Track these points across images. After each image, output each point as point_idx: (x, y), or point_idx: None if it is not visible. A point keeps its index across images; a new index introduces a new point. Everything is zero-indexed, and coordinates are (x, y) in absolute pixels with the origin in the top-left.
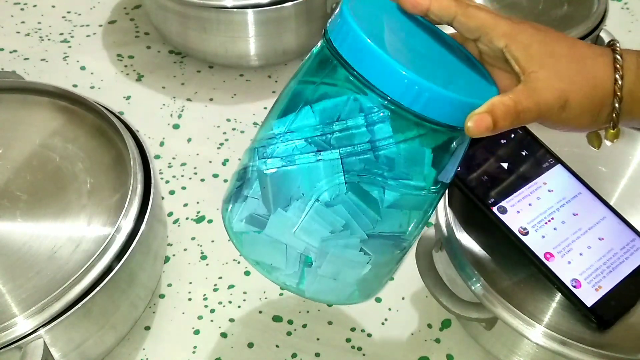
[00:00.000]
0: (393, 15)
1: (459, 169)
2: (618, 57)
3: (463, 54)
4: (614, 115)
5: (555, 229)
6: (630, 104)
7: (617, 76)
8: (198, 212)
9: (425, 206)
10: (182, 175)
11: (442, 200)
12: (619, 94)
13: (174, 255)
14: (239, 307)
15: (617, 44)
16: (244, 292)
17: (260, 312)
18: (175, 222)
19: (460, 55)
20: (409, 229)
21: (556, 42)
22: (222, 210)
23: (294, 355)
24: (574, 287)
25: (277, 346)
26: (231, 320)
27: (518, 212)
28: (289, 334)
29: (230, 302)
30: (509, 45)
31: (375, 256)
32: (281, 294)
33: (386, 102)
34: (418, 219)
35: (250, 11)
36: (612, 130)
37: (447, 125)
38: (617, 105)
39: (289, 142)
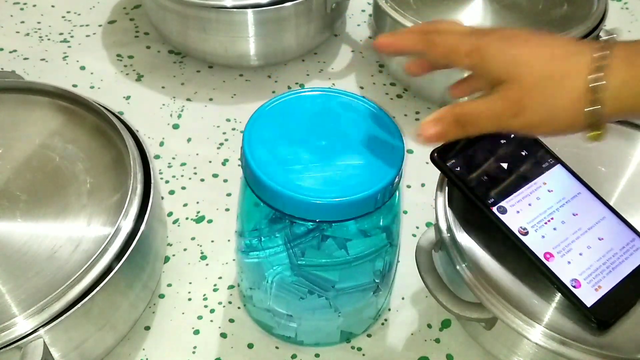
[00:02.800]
0: (300, 118)
1: (458, 169)
2: (599, 54)
3: (376, 134)
4: (593, 117)
5: (555, 229)
6: (617, 102)
7: (589, 77)
8: (198, 212)
9: (382, 256)
10: (182, 175)
11: (441, 200)
12: (592, 97)
13: (173, 255)
14: (239, 308)
15: (608, 40)
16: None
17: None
18: (175, 222)
19: (371, 136)
20: (374, 276)
21: (522, 47)
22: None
23: (293, 356)
24: (574, 287)
25: (276, 347)
26: (231, 320)
27: (518, 212)
28: None
29: (230, 302)
30: (476, 63)
31: (347, 307)
32: None
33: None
34: (380, 266)
35: (250, 11)
36: (591, 133)
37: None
38: (590, 107)
39: (252, 239)
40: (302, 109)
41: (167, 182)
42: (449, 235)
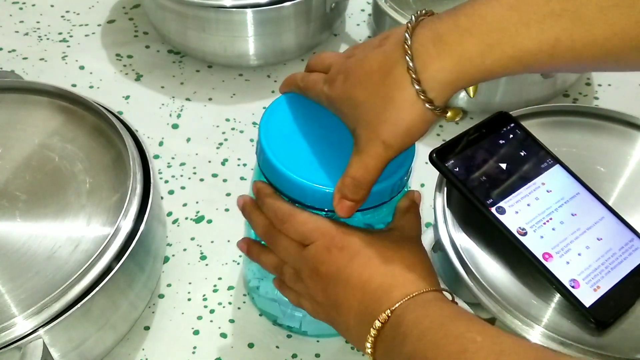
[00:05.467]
0: (316, 112)
1: (456, 169)
2: (407, 58)
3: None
4: (431, 108)
5: (553, 229)
6: (443, 88)
7: (412, 85)
8: (197, 212)
9: None
10: (182, 175)
11: (440, 201)
12: (423, 98)
13: (173, 255)
14: (239, 308)
15: (413, 31)
16: (244, 295)
17: (260, 314)
18: (174, 222)
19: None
20: None
21: (356, 87)
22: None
23: (294, 356)
24: (573, 287)
25: (277, 347)
26: (231, 321)
27: (516, 212)
28: (289, 336)
29: (230, 303)
30: (334, 112)
31: None
32: None
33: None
34: None
35: (249, 11)
36: (447, 117)
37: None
38: (429, 106)
39: None
40: (318, 104)
41: (166, 182)
42: (447, 235)
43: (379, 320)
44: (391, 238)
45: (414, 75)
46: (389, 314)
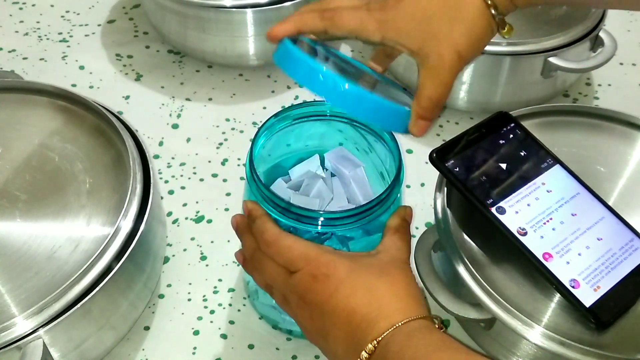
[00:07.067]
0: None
1: (457, 169)
2: None
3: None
4: (496, 21)
5: (553, 229)
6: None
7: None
8: (197, 212)
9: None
10: (181, 175)
11: (440, 201)
12: (490, 8)
13: (173, 255)
14: (239, 310)
15: None
16: (244, 298)
17: (260, 317)
18: (174, 222)
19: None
20: None
21: (416, 19)
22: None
23: (294, 357)
24: (573, 287)
25: (277, 349)
26: (231, 322)
27: (517, 212)
28: (288, 339)
29: (230, 304)
30: (384, 36)
31: None
32: None
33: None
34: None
35: (249, 11)
36: (504, 31)
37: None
38: (493, 12)
39: None
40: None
41: (166, 182)
42: (447, 236)
43: (365, 351)
44: (378, 263)
45: None
46: (375, 345)
